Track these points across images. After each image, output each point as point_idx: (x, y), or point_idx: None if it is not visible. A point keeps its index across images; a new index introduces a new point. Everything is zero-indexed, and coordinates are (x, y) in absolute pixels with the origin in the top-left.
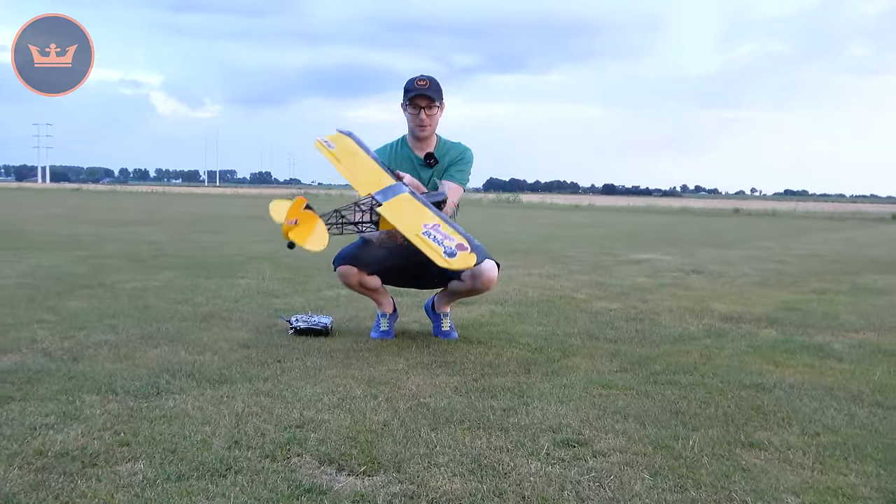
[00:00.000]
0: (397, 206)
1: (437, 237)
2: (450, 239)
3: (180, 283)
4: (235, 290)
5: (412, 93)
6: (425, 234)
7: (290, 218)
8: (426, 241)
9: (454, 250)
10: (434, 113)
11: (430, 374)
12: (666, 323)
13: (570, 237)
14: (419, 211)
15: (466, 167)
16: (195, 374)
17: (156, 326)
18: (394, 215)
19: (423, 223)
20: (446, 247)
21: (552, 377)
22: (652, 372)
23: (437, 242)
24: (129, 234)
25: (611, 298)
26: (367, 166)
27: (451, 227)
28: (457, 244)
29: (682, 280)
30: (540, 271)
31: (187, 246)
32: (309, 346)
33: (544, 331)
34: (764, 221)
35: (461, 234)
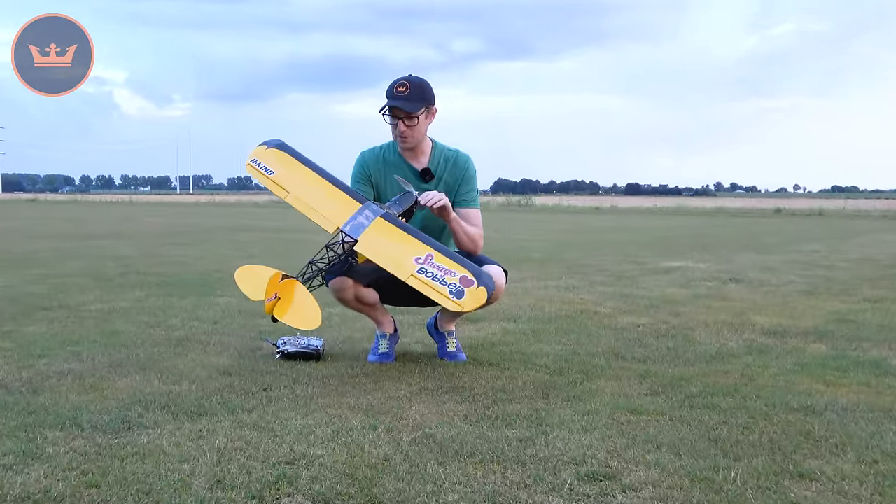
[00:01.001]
0: (376, 241)
1: (434, 274)
2: (451, 273)
3: (152, 304)
4: (214, 310)
5: (389, 102)
6: (420, 272)
7: (269, 295)
8: (425, 282)
9: (460, 287)
10: (415, 124)
11: (436, 402)
12: (701, 339)
13: (591, 244)
14: (403, 241)
15: (474, 183)
16: (171, 406)
17: (125, 353)
18: (376, 254)
19: (414, 257)
20: (450, 285)
21: (574, 403)
22: (687, 395)
23: (438, 280)
24: (93, 249)
25: (638, 312)
26: (323, 191)
27: (445, 254)
28: (460, 278)
29: (719, 290)
30: (557, 283)
31: (159, 261)
32: (298, 373)
33: (564, 350)
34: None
35: (460, 263)
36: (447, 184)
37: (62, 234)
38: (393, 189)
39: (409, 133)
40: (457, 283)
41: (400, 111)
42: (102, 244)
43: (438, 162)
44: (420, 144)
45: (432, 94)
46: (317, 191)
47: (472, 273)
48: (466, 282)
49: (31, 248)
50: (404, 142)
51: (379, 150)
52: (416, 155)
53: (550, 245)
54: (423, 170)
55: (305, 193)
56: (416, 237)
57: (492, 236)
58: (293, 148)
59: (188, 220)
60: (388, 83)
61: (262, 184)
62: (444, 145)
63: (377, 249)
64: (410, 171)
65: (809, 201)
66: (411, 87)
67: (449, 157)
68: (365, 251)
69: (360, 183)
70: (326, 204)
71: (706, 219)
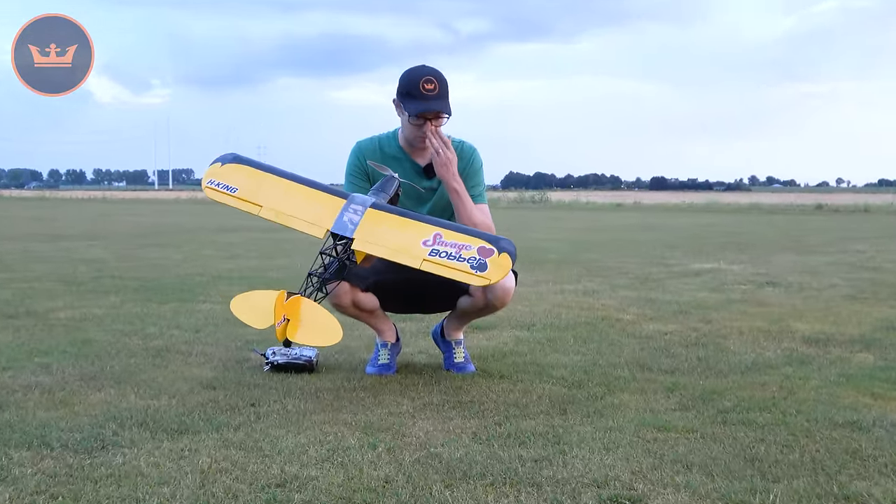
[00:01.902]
0: (374, 234)
1: (449, 252)
2: (466, 247)
3: (128, 311)
4: (196, 317)
5: (417, 104)
6: (433, 254)
7: (277, 319)
8: (440, 263)
9: (481, 259)
10: (442, 125)
11: (442, 418)
12: (735, 348)
13: (612, 244)
14: (404, 226)
15: (480, 177)
16: (149, 423)
17: (98, 365)
18: (377, 248)
19: (421, 240)
20: (469, 259)
21: (595, 419)
22: (720, 410)
23: (455, 258)
24: (63, 251)
25: (665, 319)
26: (298, 195)
27: (453, 229)
28: (478, 249)
29: (755, 294)
30: (575, 287)
31: (135, 264)
32: (290, 386)
33: (583, 361)
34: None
35: (471, 234)
36: None
37: (29, 235)
38: None
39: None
40: (476, 255)
41: (434, 113)
42: (73, 245)
43: None
44: None
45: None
46: (291, 196)
47: (488, 241)
48: (485, 252)
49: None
50: (425, 144)
51: (377, 141)
52: (421, 149)
53: (567, 245)
54: (427, 165)
55: (280, 202)
56: (416, 219)
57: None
58: (250, 158)
59: (167, 219)
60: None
61: (228, 204)
62: (448, 136)
63: (378, 242)
64: (412, 166)
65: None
66: (439, 84)
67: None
68: (364, 247)
69: (356, 177)
70: (306, 208)
71: (740, 216)
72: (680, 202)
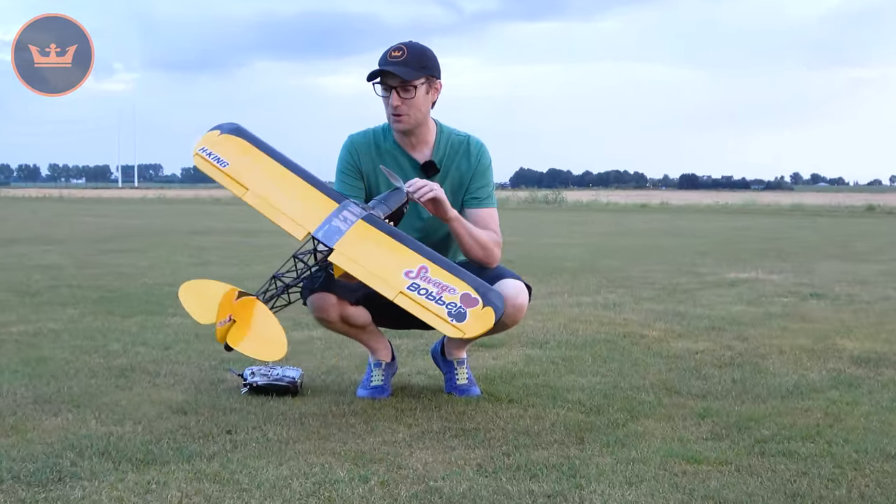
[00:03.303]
0: (356, 250)
1: (429, 291)
2: (450, 290)
3: (88, 325)
4: (165, 332)
5: (379, 67)
6: (412, 288)
7: (221, 318)
8: (417, 301)
9: (462, 308)
10: (411, 96)
11: (443, 447)
12: (775, 369)
13: (636, 250)
14: (390, 249)
15: (489, 177)
16: (111, 452)
17: (55, 386)
18: (355, 266)
19: (404, 270)
20: (449, 304)
21: (615, 449)
22: (757, 439)
23: (433, 299)
24: (14, 258)
25: (696, 336)
26: (291, 188)
27: (444, 266)
28: (461, 296)
29: (797, 308)
30: (594, 299)
31: (97, 272)
32: (270, 411)
33: (602, 383)
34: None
35: (461, 277)
36: (454, 179)
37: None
38: (388, 185)
39: (405, 108)
40: (457, 302)
41: (393, 78)
42: (26, 251)
43: (445, 151)
44: (420, 129)
45: (436, 65)
46: (283, 187)
47: (477, 290)
48: (469, 301)
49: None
50: (399, 121)
51: (371, 135)
52: (417, 142)
53: (585, 252)
54: (426, 163)
55: (268, 190)
56: (406, 245)
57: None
58: (253, 134)
59: (133, 221)
60: (379, 52)
61: (214, 178)
62: (451, 129)
63: (357, 260)
64: (409, 163)
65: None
66: (409, 51)
67: (457, 144)
68: (342, 262)
69: (348, 176)
70: (294, 203)
71: (781, 218)
72: (713, 203)
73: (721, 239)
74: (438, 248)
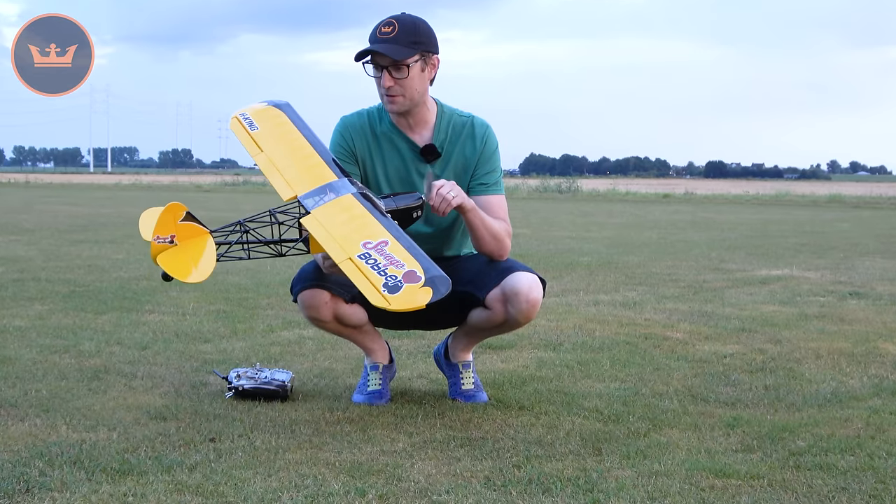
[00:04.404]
0: (330, 215)
1: (378, 262)
2: (397, 264)
3: (57, 322)
4: (142, 331)
5: (368, 47)
6: (362, 256)
7: (160, 234)
8: (360, 268)
9: (399, 281)
10: (404, 76)
11: (447, 458)
12: (811, 375)
13: (658, 244)
14: (362, 223)
15: (496, 163)
16: (84, 461)
17: (21, 388)
18: (322, 229)
19: (364, 240)
20: (389, 276)
21: (636, 461)
22: (792, 451)
23: (377, 269)
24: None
25: (724, 338)
26: (299, 154)
27: (407, 246)
28: (405, 272)
29: (835, 308)
30: (612, 297)
31: (67, 265)
32: (258, 417)
33: (622, 389)
34: None
35: (416, 257)
36: (458, 163)
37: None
38: (387, 172)
39: (398, 89)
40: (398, 276)
41: (383, 58)
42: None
43: (447, 133)
44: (418, 109)
45: (431, 39)
46: (292, 153)
47: (426, 270)
48: (411, 277)
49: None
50: (392, 102)
51: (365, 117)
52: (415, 124)
53: (602, 245)
54: (426, 147)
55: (277, 154)
56: (380, 222)
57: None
58: (297, 114)
59: (106, 209)
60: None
61: (241, 141)
62: (453, 109)
63: (325, 227)
64: (408, 146)
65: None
66: (400, 26)
67: (460, 126)
68: (310, 225)
69: (341, 161)
70: (296, 169)
71: (817, 210)
72: (742, 193)
73: (751, 232)
74: (443, 237)
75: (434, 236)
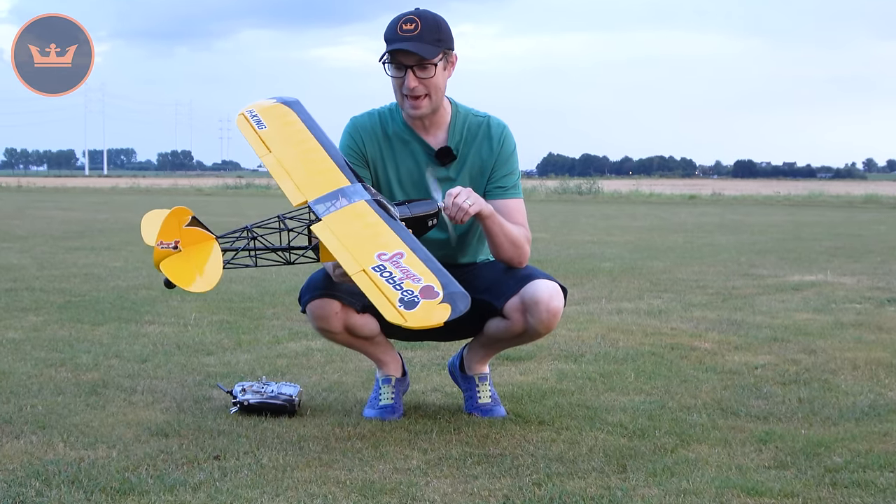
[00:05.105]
0: (342, 223)
1: (393, 275)
2: (414, 278)
3: (52, 334)
4: (142, 343)
5: (391, 45)
6: (377, 269)
7: (164, 239)
8: (375, 282)
9: (415, 297)
10: (430, 76)
11: (464, 476)
12: (848, 387)
13: (684, 248)
14: (377, 232)
15: (514, 165)
16: (82, 480)
17: (16, 404)
18: (334, 238)
19: (378, 251)
20: (405, 291)
21: (663, 478)
22: (828, 468)
23: (392, 283)
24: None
25: (755, 348)
26: (309, 157)
27: (424, 259)
28: (422, 287)
29: (873, 315)
30: (636, 305)
31: (62, 273)
32: (264, 433)
33: (647, 402)
34: None
35: (433, 271)
36: (474, 166)
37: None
38: (399, 176)
39: (423, 89)
40: (415, 290)
41: (409, 57)
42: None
43: (462, 134)
44: (434, 112)
45: (451, 35)
46: (303, 156)
47: (444, 286)
48: (429, 293)
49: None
50: (416, 105)
51: (377, 118)
52: (430, 125)
53: (625, 250)
54: (441, 150)
55: (287, 155)
56: (395, 232)
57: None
58: (307, 111)
59: (102, 214)
60: (387, 19)
61: (248, 139)
62: (468, 108)
63: (337, 236)
64: (422, 149)
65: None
66: (423, 23)
67: (475, 127)
68: (322, 233)
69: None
70: (306, 172)
71: (852, 211)
72: (773, 193)
73: (783, 235)
74: (458, 244)
75: (448, 243)
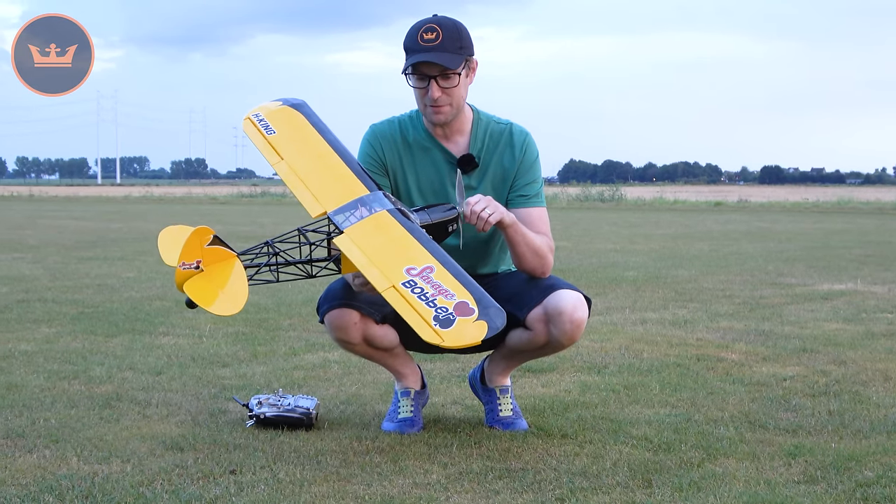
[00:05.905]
0: (366, 235)
1: (425, 291)
2: (446, 293)
3: (65, 346)
4: (156, 355)
5: (414, 56)
6: (407, 285)
7: (186, 259)
8: (407, 298)
9: (450, 314)
10: (454, 85)
11: (485, 491)
12: (879, 399)
13: (710, 257)
14: (402, 245)
15: (536, 173)
16: (96, 495)
17: (28, 417)
18: (359, 251)
19: (407, 266)
20: (439, 308)
21: (689, 493)
22: (859, 482)
23: (425, 300)
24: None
25: (784, 359)
26: (325, 165)
27: (451, 270)
28: (456, 304)
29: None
30: (660, 315)
31: (74, 284)
32: (281, 447)
33: (673, 415)
34: None
35: (465, 285)
36: (496, 174)
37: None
38: (419, 184)
39: (446, 99)
40: (449, 307)
41: (432, 67)
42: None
43: (484, 142)
44: (455, 119)
45: (471, 42)
46: (318, 164)
47: (479, 301)
48: (464, 309)
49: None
50: (439, 113)
51: (396, 126)
52: (451, 132)
53: (649, 259)
54: (463, 157)
55: (301, 164)
56: (420, 242)
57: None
58: (314, 112)
59: (115, 224)
60: (404, 24)
61: (256, 143)
62: (490, 115)
63: (362, 249)
64: (444, 157)
65: None
66: (443, 31)
67: (497, 134)
68: (345, 246)
69: (370, 172)
70: (323, 182)
71: (883, 218)
72: (801, 200)
73: (811, 243)
74: (478, 253)
75: (468, 252)
